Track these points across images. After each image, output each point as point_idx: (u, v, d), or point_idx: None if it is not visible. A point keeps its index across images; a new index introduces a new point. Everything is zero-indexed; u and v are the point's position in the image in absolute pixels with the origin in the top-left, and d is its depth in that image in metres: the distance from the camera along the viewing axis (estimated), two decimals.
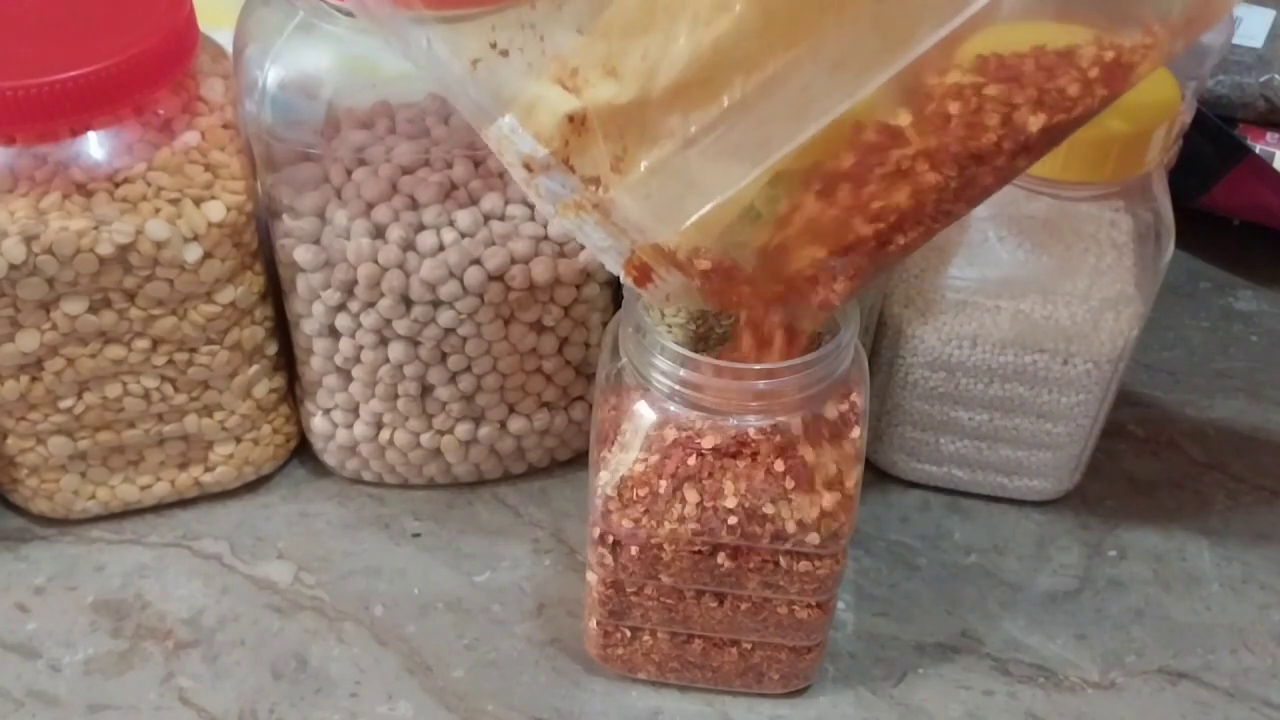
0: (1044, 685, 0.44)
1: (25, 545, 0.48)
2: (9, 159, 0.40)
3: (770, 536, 0.37)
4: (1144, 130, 0.41)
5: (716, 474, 0.37)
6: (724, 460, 0.37)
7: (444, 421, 0.48)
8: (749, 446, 0.37)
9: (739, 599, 0.39)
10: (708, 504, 0.37)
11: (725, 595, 0.39)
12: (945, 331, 0.46)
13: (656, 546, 0.37)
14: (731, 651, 0.41)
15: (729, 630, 0.40)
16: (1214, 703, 0.44)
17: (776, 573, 0.38)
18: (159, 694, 0.43)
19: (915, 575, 0.48)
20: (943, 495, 0.51)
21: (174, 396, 0.45)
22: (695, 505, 0.37)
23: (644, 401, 0.37)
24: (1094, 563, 0.49)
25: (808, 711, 0.43)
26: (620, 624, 0.41)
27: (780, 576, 0.38)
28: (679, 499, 0.37)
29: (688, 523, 0.37)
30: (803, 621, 0.40)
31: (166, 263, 0.41)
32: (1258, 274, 0.64)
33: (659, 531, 0.37)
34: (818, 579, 0.38)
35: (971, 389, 0.48)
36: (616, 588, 0.39)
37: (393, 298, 0.43)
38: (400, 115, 0.42)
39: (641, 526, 0.37)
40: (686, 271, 0.33)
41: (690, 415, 0.36)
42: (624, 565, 0.38)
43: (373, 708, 0.43)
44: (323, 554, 0.48)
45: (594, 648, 0.42)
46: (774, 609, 0.40)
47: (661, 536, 0.37)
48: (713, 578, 0.38)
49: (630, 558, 0.38)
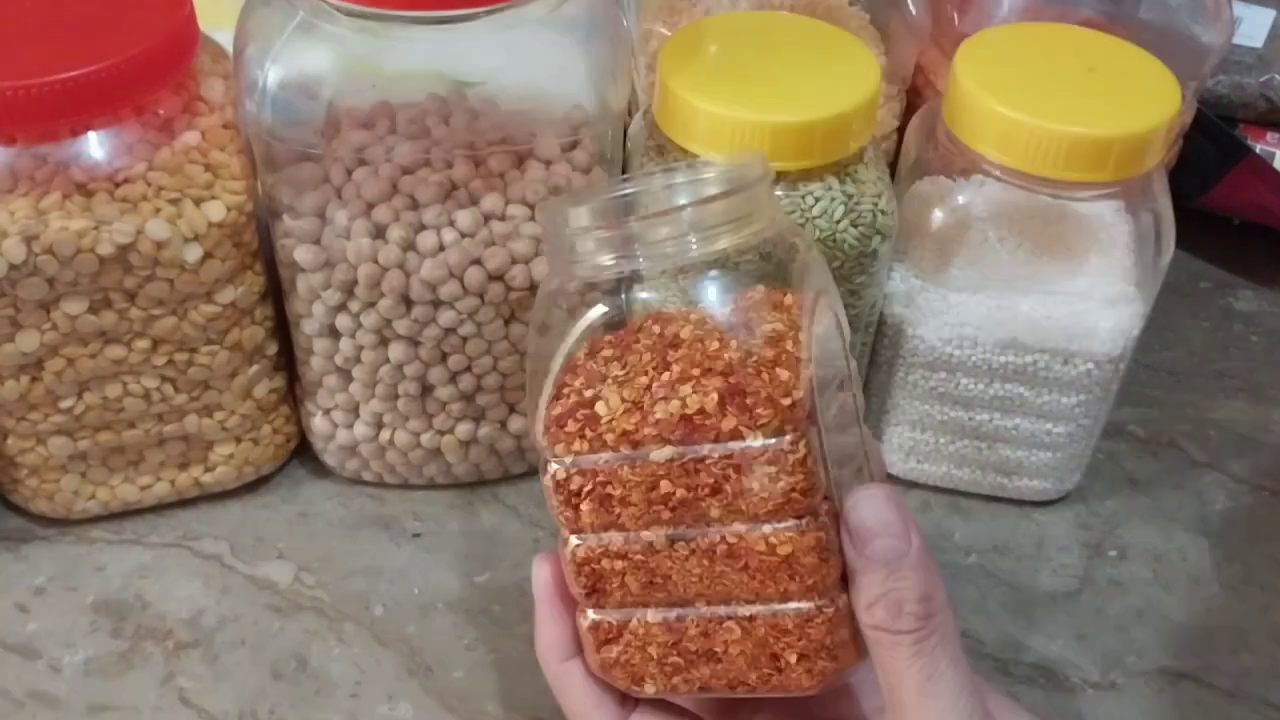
0: (1044, 685, 0.44)
1: (25, 545, 0.48)
2: (9, 159, 0.40)
3: (711, 439, 0.34)
4: (1144, 130, 0.42)
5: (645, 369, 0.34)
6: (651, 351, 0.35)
7: (444, 421, 0.48)
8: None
9: (712, 544, 0.35)
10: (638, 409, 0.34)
11: (694, 540, 0.35)
12: (945, 331, 0.46)
13: (603, 482, 0.35)
14: (732, 628, 0.36)
15: (715, 591, 0.36)
16: (1214, 703, 0.44)
17: (729, 490, 0.34)
18: (159, 694, 0.43)
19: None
20: (943, 495, 0.51)
21: (174, 396, 0.45)
22: (623, 412, 0.34)
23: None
24: (1094, 563, 0.49)
25: None
26: (603, 608, 0.37)
27: (738, 498, 0.34)
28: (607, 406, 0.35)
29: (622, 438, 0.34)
30: (788, 561, 0.34)
31: (167, 263, 0.41)
32: (1258, 274, 0.64)
33: (598, 460, 0.35)
34: (780, 490, 0.34)
35: (971, 389, 0.48)
36: (588, 553, 0.36)
37: (393, 298, 0.43)
38: (400, 115, 0.42)
39: (582, 454, 0.35)
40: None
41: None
42: (585, 517, 0.36)
43: (373, 708, 0.43)
44: (323, 554, 0.48)
45: (592, 658, 0.38)
46: (751, 548, 0.35)
47: (599, 465, 0.35)
48: (669, 510, 0.35)
49: (589, 506, 0.35)
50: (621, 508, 0.35)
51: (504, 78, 0.42)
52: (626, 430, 0.34)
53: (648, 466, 0.34)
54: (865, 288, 0.45)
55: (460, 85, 0.42)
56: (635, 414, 0.34)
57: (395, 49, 0.40)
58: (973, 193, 0.45)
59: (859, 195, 0.43)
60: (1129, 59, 0.45)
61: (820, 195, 0.42)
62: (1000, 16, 0.53)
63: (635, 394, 0.34)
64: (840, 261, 0.43)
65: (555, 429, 0.35)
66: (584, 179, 0.44)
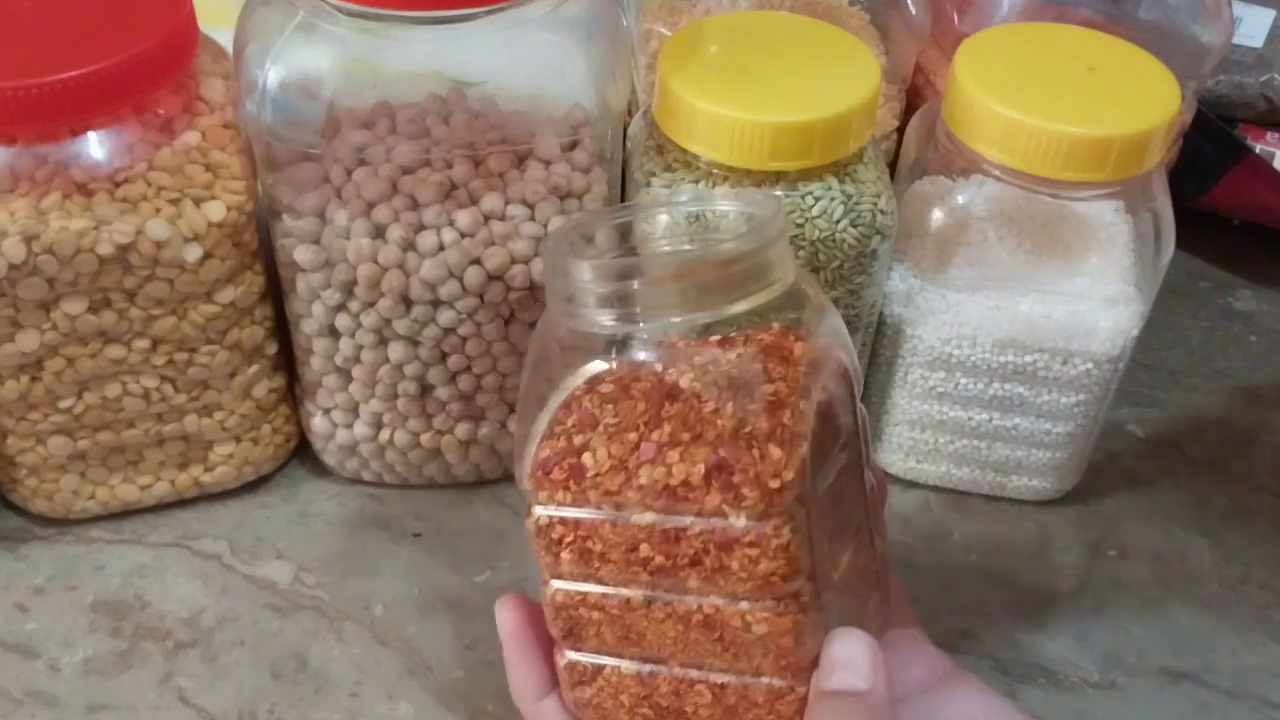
0: (1044, 685, 0.44)
1: (25, 545, 0.48)
2: (9, 159, 0.40)
3: (693, 515, 0.33)
4: (1144, 130, 0.42)
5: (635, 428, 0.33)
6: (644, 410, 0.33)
7: (444, 421, 0.48)
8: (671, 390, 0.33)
9: (688, 611, 0.34)
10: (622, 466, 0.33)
11: (671, 604, 0.35)
12: (945, 331, 0.46)
13: (584, 536, 0.34)
14: (703, 691, 0.36)
15: (689, 655, 0.35)
16: (1214, 703, 0.44)
17: (709, 564, 0.33)
18: (158, 694, 0.43)
19: (915, 575, 0.48)
20: (943, 495, 0.51)
21: (174, 396, 0.45)
22: (609, 469, 0.33)
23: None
24: (1094, 563, 0.49)
25: None
26: (580, 650, 0.37)
27: (717, 573, 0.33)
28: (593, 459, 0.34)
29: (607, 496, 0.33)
30: (763, 640, 0.34)
31: (166, 263, 0.41)
32: (1258, 274, 0.64)
33: (580, 511, 0.34)
34: (760, 572, 0.33)
35: (971, 389, 0.48)
36: (566, 598, 0.36)
37: (393, 298, 0.43)
38: (400, 115, 0.42)
39: (564, 505, 0.35)
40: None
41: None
42: (564, 565, 0.35)
43: (373, 708, 0.43)
44: (323, 554, 0.48)
45: (567, 694, 0.38)
46: (726, 621, 0.34)
47: (581, 518, 0.34)
48: (647, 574, 0.34)
49: (569, 555, 0.35)
50: (601, 563, 0.34)
51: (504, 78, 0.42)
52: (610, 490, 0.33)
53: (629, 529, 0.33)
54: (865, 288, 0.45)
55: (460, 85, 0.42)
56: (620, 474, 0.33)
57: (395, 49, 0.40)
58: (972, 192, 0.45)
59: (859, 195, 0.43)
60: (1129, 59, 0.45)
61: (820, 195, 0.42)
62: (1000, 16, 0.53)
63: (623, 452, 0.33)
64: (840, 261, 0.43)
65: (541, 475, 0.34)
66: (584, 179, 0.44)
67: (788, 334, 0.34)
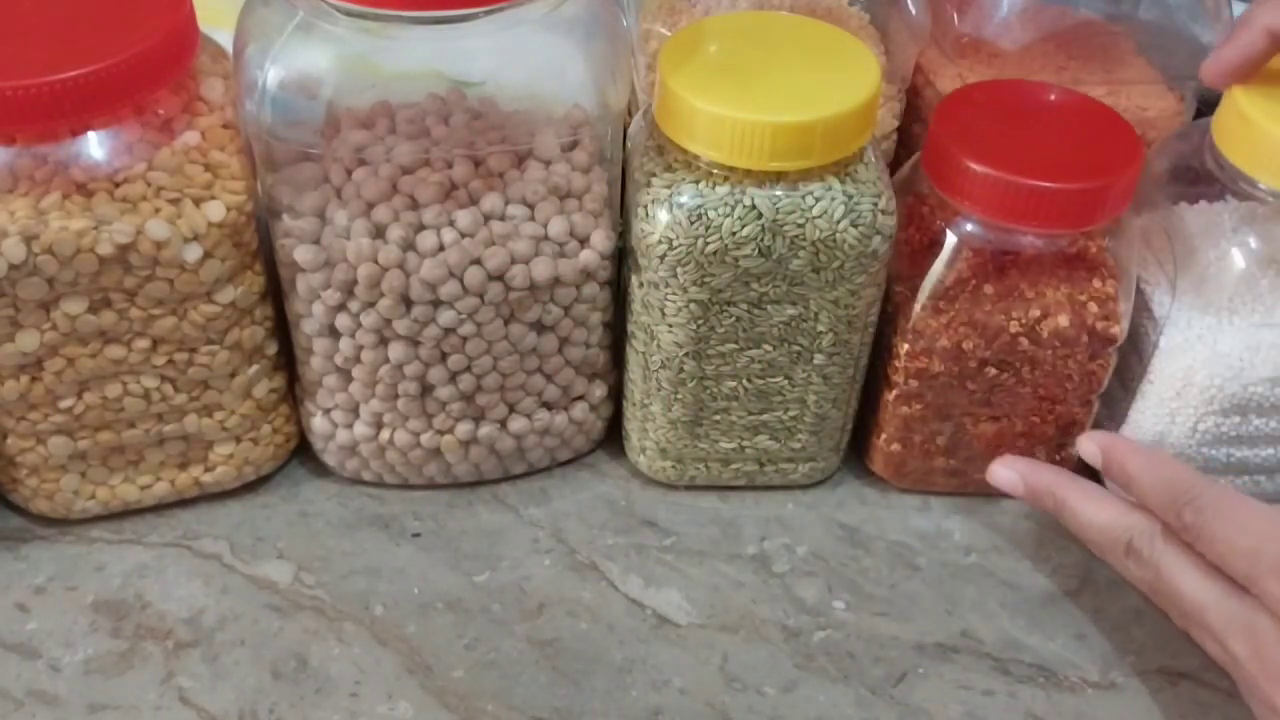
0: (1044, 685, 0.45)
1: (25, 545, 0.48)
2: (9, 159, 0.40)
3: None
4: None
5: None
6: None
7: (444, 421, 0.48)
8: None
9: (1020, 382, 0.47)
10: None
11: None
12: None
13: (962, 352, 0.45)
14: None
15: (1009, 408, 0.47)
16: (1214, 703, 0.44)
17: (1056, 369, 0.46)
18: (159, 694, 0.43)
19: (915, 575, 0.48)
20: (943, 495, 0.51)
21: (174, 396, 0.45)
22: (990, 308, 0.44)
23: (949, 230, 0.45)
24: (1094, 563, 0.49)
25: (808, 711, 0.43)
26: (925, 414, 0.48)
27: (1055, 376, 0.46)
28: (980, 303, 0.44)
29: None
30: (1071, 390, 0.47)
31: (166, 263, 0.41)
32: None
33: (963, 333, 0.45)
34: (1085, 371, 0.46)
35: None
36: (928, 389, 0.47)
37: (393, 298, 0.43)
38: (400, 115, 0.42)
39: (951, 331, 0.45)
40: None
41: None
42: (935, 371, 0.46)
43: (373, 708, 0.43)
44: (323, 554, 0.48)
45: (886, 469, 0.50)
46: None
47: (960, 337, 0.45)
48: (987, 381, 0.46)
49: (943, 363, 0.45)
50: (969, 361, 0.47)
51: (504, 78, 0.42)
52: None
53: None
54: (865, 288, 0.45)
55: (460, 85, 0.42)
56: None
57: (395, 49, 0.40)
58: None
59: (859, 195, 0.43)
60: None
61: (820, 195, 0.42)
62: (1000, 16, 0.53)
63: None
64: (840, 261, 0.43)
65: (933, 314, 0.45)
66: (584, 179, 0.44)
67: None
